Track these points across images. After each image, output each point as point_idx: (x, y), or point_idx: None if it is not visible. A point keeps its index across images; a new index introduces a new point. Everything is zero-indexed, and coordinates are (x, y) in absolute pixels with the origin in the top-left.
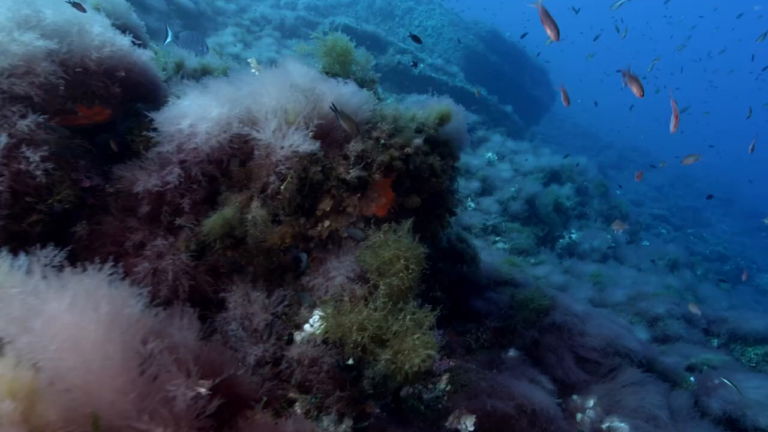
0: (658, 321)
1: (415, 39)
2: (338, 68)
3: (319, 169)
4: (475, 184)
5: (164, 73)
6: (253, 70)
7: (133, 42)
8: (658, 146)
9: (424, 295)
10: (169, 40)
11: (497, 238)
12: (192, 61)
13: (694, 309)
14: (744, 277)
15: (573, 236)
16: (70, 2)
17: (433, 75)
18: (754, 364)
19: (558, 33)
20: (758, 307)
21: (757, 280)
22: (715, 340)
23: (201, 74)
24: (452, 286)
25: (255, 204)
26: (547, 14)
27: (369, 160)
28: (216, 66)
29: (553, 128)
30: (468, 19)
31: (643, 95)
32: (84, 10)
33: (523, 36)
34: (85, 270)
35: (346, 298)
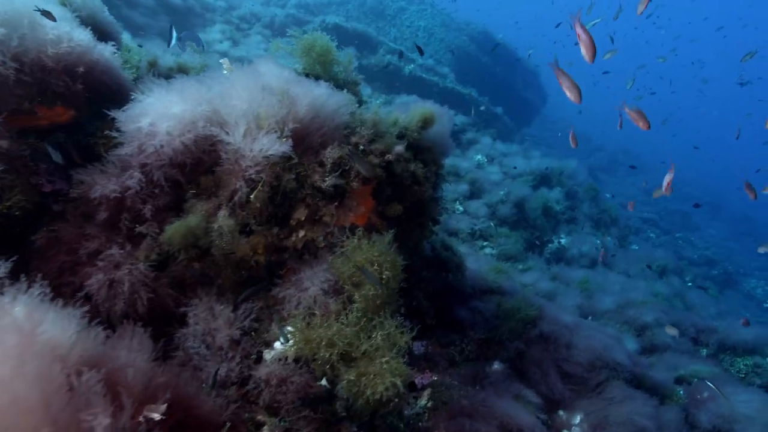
0: (647, 330)
1: (419, 50)
2: (319, 69)
3: (293, 176)
4: (463, 187)
5: (134, 71)
6: (225, 71)
7: (102, 40)
8: (649, 150)
9: (407, 304)
10: (174, 42)
11: (485, 243)
12: (167, 59)
13: (671, 331)
14: None
15: (562, 241)
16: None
17: (424, 76)
18: (743, 375)
19: (580, 93)
20: (745, 312)
21: (745, 284)
22: (704, 350)
23: (177, 73)
24: (437, 294)
25: (222, 213)
26: (565, 75)
27: (347, 167)
28: (193, 65)
29: (544, 130)
30: (460, 20)
31: (649, 127)
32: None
33: (528, 55)
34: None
35: (318, 312)
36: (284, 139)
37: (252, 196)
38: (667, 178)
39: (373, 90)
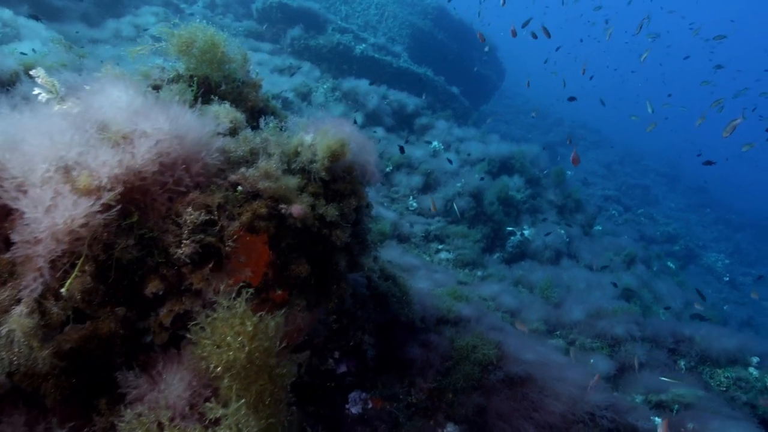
0: (620, 344)
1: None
2: (207, 69)
3: (133, 242)
4: (416, 180)
5: None
6: (38, 94)
7: None
8: (608, 124)
9: (343, 344)
10: None
11: (440, 246)
12: (7, 61)
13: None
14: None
15: (525, 232)
16: None
17: (376, 56)
18: (724, 389)
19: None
20: (707, 288)
21: (704, 258)
22: (683, 362)
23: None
24: (382, 329)
25: (20, 310)
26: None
27: (224, 217)
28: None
29: (503, 106)
30: None
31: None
32: None
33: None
34: None
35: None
36: (111, 195)
37: (64, 289)
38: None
39: (321, 72)
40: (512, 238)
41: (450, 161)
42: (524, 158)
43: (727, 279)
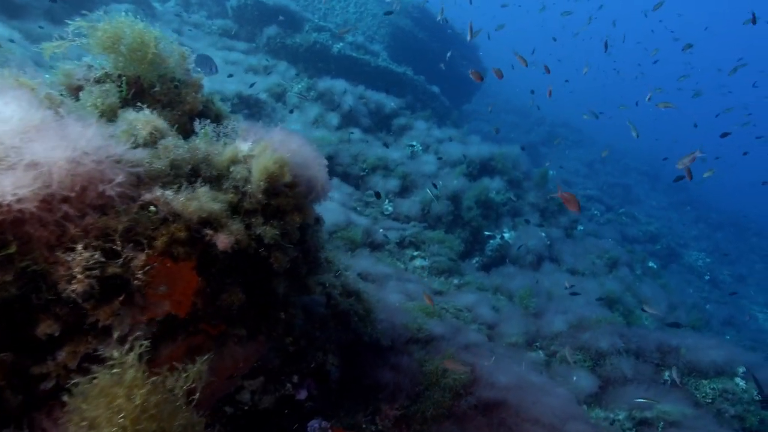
0: (604, 358)
1: None
2: (137, 68)
3: (11, 278)
4: (393, 183)
5: None
6: None
7: None
8: (588, 122)
9: (302, 366)
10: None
11: (416, 253)
12: None
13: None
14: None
15: (506, 236)
16: None
17: (354, 54)
18: (710, 400)
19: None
20: (689, 288)
21: (686, 257)
22: (667, 373)
23: None
24: (346, 350)
25: None
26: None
27: (128, 246)
28: None
29: (484, 105)
30: None
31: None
32: None
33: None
34: None
35: None
36: None
37: None
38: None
39: (298, 72)
40: (492, 241)
41: (439, 156)
42: (505, 160)
43: (708, 278)
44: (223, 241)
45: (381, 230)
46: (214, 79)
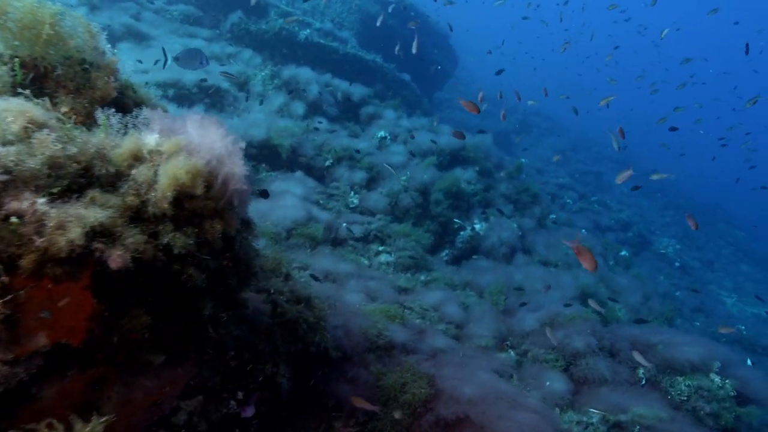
0: (579, 358)
1: None
2: (33, 49)
3: None
4: (359, 175)
5: None
6: None
7: None
8: (561, 110)
9: (248, 385)
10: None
11: (381, 248)
12: None
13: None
14: None
15: (476, 227)
16: None
17: (322, 41)
18: (685, 398)
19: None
20: (659, 274)
21: (656, 244)
22: (641, 371)
23: None
24: (297, 362)
25: None
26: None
27: None
28: None
29: (457, 93)
30: None
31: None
32: None
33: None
34: None
35: None
36: None
37: None
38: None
39: (263, 60)
40: (462, 233)
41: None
42: (477, 150)
43: (678, 264)
44: (115, 260)
45: (344, 224)
46: (172, 68)
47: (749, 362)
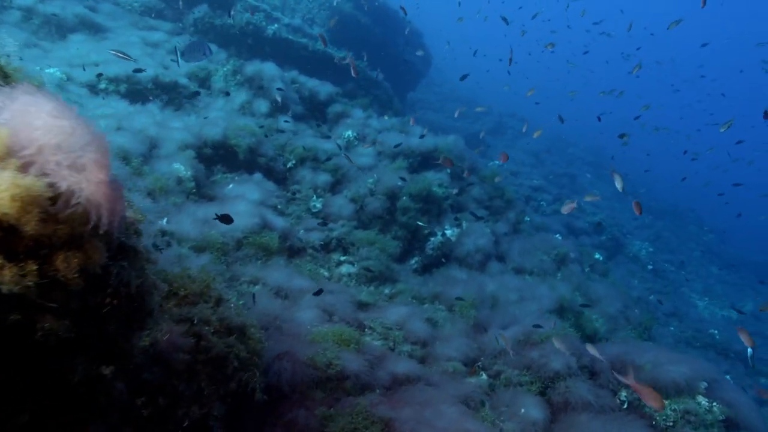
0: (557, 381)
1: None
2: None
3: None
4: (323, 178)
5: None
6: None
7: None
8: (535, 111)
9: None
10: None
11: (343, 258)
12: None
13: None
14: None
15: (447, 232)
16: None
17: (291, 37)
18: (671, 423)
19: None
20: (633, 278)
21: (630, 247)
22: (624, 393)
23: None
24: (229, 403)
25: None
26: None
27: None
28: None
29: (430, 94)
30: None
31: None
32: None
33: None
34: None
35: None
36: None
37: None
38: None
39: (228, 56)
40: (432, 239)
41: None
42: (450, 152)
43: (651, 267)
44: None
45: (302, 231)
46: (128, 62)
47: (727, 377)
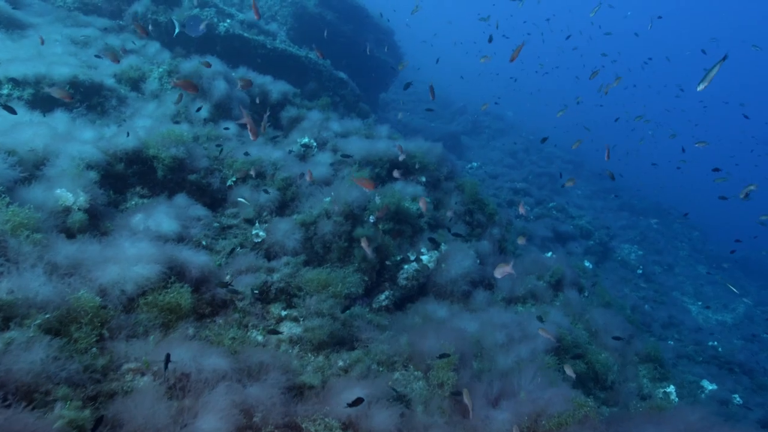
0: None
1: None
2: None
3: None
4: (269, 196)
5: None
6: None
7: None
8: (512, 110)
9: None
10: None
11: (285, 312)
12: None
13: None
14: None
15: (423, 258)
16: None
17: (245, 34)
18: None
19: None
20: (625, 287)
21: (617, 251)
22: None
23: None
24: None
25: None
26: None
27: None
28: None
29: (404, 94)
30: None
31: None
32: None
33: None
34: None
35: None
36: None
37: None
38: None
39: (173, 56)
40: (406, 266)
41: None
42: (425, 158)
43: (641, 271)
44: None
45: (228, 276)
46: (42, 61)
47: (738, 399)
